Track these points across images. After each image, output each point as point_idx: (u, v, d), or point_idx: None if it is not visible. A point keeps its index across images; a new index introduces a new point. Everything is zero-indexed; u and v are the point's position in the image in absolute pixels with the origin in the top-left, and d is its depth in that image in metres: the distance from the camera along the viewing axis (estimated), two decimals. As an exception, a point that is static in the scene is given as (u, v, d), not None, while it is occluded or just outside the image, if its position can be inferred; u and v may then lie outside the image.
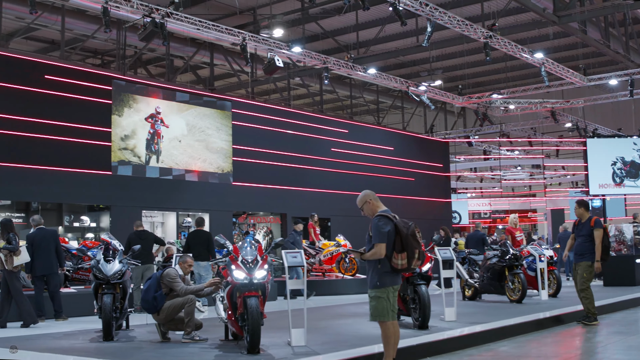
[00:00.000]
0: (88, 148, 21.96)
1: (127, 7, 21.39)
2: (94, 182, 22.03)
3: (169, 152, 24.18)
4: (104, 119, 22.54)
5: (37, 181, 20.71)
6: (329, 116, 33.14)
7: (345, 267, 22.35)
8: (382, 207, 8.55)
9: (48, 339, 11.77)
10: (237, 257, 9.92)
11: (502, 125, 40.68)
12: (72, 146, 21.55)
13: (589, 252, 13.17)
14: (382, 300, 8.26)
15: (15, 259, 13.46)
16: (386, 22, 27.72)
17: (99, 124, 22.38)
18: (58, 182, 21.15)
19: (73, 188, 21.58)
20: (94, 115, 22.29)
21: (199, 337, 10.82)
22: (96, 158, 22.15)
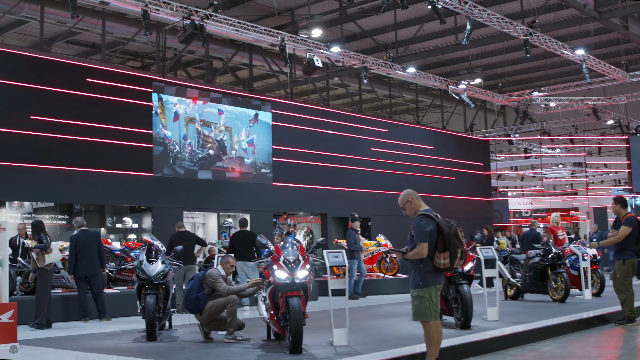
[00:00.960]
0: (129, 150, 22.17)
1: (166, 9, 21.58)
2: (135, 183, 22.24)
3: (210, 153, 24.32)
4: (144, 121, 22.74)
5: (79, 183, 20.96)
6: (368, 116, 33.10)
7: (386, 267, 22.30)
8: (424, 206, 8.50)
9: (92, 339, 11.88)
10: (279, 257, 9.94)
11: (543, 123, 40.30)
12: (114, 148, 21.78)
13: (624, 250, 12.89)
14: (424, 300, 8.22)
15: (47, 257, 13.55)
16: (425, 20, 27.64)
17: (140, 126, 22.59)
18: (100, 184, 21.37)
19: (115, 190, 21.80)
20: (135, 117, 22.51)
21: (241, 337, 10.86)
22: (138, 160, 22.35)
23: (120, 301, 15.88)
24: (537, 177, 47.55)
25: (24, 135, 20.05)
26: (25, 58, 20.92)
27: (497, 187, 44.45)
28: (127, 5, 21.68)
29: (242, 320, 11.18)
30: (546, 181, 47.58)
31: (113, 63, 27.41)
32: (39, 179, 20.23)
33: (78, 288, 14.91)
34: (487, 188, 37.19)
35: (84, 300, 14.82)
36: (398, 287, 21.47)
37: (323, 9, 27.30)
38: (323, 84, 33.83)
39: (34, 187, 20.35)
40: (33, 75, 20.53)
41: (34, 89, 20.44)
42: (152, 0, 21.18)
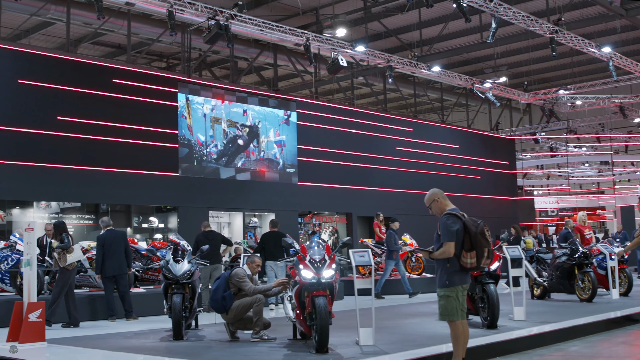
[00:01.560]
0: (155, 150, 22.29)
1: (191, 10, 21.66)
2: (161, 183, 22.36)
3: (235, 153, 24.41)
4: (170, 121, 22.85)
5: (106, 183, 21.11)
6: (393, 115, 33.04)
7: (411, 266, 22.24)
8: (450, 205, 8.47)
9: (119, 338, 11.94)
10: (304, 256, 9.94)
11: (569, 122, 40.02)
12: (140, 148, 21.91)
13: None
14: (451, 299, 8.17)
15: (68, 257, 13.57)
16: (449, 19, 27.55)
17: (166, 126, 22.70)
18: (126, 184, 21.52)
19: (141, 190, 21.94)
20: (161, 118, 22.63)
21: (267, 336, 10.86)
22: (163, 160, 22.47)
23: (146, 300, 15.94)
24: (563, 176, 47.25)
25: (51, 135, 20.22)
26: (52, 59, 21.09)
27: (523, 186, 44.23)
28: (152, 6, 21.79)
29: (268, 319, 11.19)
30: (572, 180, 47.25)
31: (138, 64, 27.56)
32: (66, 179, 20.39)
33: (105, 287, 14.98)
34: (513, 187, 37.02)
35: (110, 300, 14.89)
36: (424, 286, 21.38)
37: (347, 8, 27.30)
38: (348, 84, 33.81)
39: (61, 187, 20.52)
40: (60, 76, 20.71)
41: (60, 90, 20.61)
42: (177, 0, 21.27)
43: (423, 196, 8.67)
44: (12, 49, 20.64)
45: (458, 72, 32.83)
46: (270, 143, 25.69)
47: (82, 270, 16.08)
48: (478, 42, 28.59)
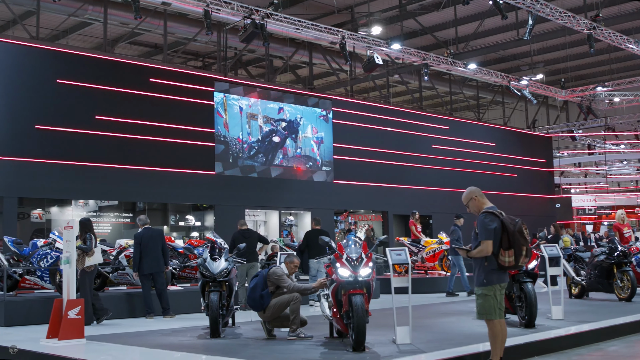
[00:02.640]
0: (192, 148, 22.42)
1: (227, 9, 21.77)
2: (198, 181, 22.50)
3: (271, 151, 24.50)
4: (206, 120, 22.98)
5: (143, 182, 21.28)
6: (429, 113, 32.93)
7: (447, 265, 22.12)
8: (488, 203, 8.42)
9: (157, 336, 12.00)
10: (341, 255, 9.93)
11: (607, 119, 39.58)
12: (177, 147, 22.07)
13: None
14: (489, 298, 8.13)
15: (87, 260, 13.50)
16: (485, 16, 27.38)
17: (202, 125, 22.84)
18: (163, 183, 21.68)
19: (178, 188, 22.09)
20: (197, 116, 22.76)
21: (304, 334, 10.87)
22: (200, 158, 22.60)
23: (183, 298, 16.01)
24: (601, 174, 46.78)
25: (89, 134, 20.44)
26: (90, 59, 21.31)
27: (560, 184, 43.85)
28: (188, 5, 21.93)
29: (304, 317, 11.21)
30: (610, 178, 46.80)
31: (175, 63, 27.72)
32: (104, 178, 20.60)
33: (142, 285, 15.06)
34: (550, 185, 36.72)
35: (148, 297, 14.98)
36: (460, 285, 21.27)
37: (382, 6, 27.24)
38: (383, 82, 33.77)
39: (99, 186, 20.73)
40: (98, 76, 20.92)
41: (98, 90, 20.82)
42: (213, 0, 21.37)
43: (459, 194, 8.64)
44: (51, 49, 20.88)
45: (494, 69, 32.62)
46: (307, 139, 25.74)
47: (120, 268, 16.20)
48: (514, 39, 28.37)
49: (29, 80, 19.82)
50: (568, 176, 49.08)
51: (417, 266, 22.12)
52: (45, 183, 19.72)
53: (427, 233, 26.93)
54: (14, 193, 19.40)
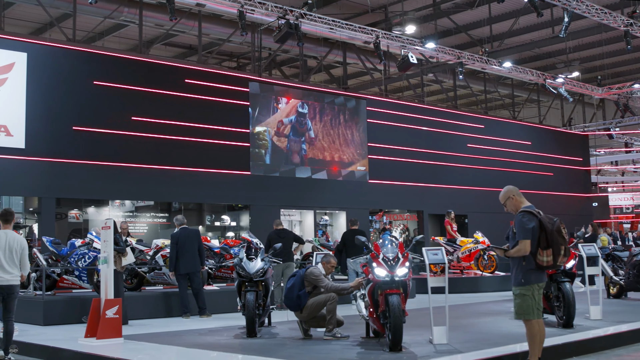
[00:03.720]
0: (227, 149, 22.52)
1: (262, 9, 21.84)
2: (233, 182, 22.58)
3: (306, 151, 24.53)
4: (241, 120, 23.07)
5: (178, 182, 21.40)
6: (464, 111, 32.78)
7: (484, 264, 22.00)
8: (525, 202, 8.36)
9: (193, 335, 12.07)
10: (378, 254, 9.92)
11: (645, 116, 39.17)
12: (212, 147, 22.17)
13: None
14: (527, 297, 8.08)
15: (123, 260, 13.58)
16: (520, 13, 27.16)
17: (237, 125, 22.93)
18: (199, 183, 21.78)
19: (213, 188, 22.18)
20: (232, 117, 22.85)
21: (340, 334, 10.87)
22: (235, 158, 22.69)
23: (219, 298, 16.07)
24: (638, 172, 46.24)
25: (125, 135, 20.60)
26: (126, 61, 21.49)
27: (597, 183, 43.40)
28: (222, 6, 22.04)
29: (341, 317, 11.20)
30: (648, 176, 46.25)
31: (209, 64, 27.85)
32: (140, 179, 20.75)
33: (179, 285, 15.15)
34: (587, 184, 36.39)
35: (184, 297, 15.05)
36: (497, 284, 21.18)
37: (416, 5, 27.14)
38: (417, 81, 33.66)
39: (135, 186, 20.89)
40: (133, 77, 21.09)
41: (134, 91, 20.98)
42: (248, 0, 21.44)
43: (494, 193, 8.59)
44: (87, 51, 21.07)
45: (529, 67, 32.39)
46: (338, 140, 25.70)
47: (157, 268, 16.31)
48: (550, 36, 28.12)
49: (66, 82, 20.02)
50: (605, 175, 48.54)
51: (453, 266, 22.01)
52: (82, 184, 19.91)
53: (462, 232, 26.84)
54: (52, 194, 19.60)
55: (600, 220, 35.89)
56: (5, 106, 18.75)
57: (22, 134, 18.90)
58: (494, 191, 8.62)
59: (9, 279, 10.10)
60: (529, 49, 31.10)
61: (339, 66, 31.85)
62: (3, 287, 10.09)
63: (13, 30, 24.24)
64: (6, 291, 10.13)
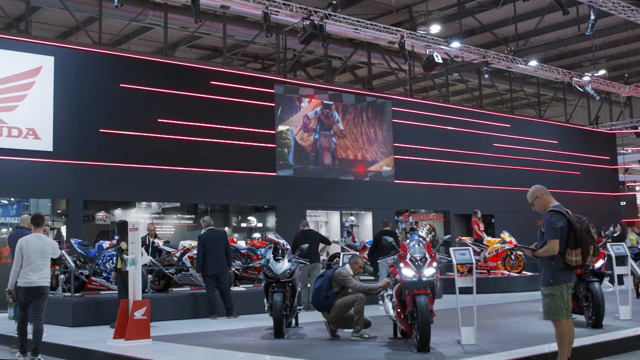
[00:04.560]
0: (253, 150, 22.57)
1: (286, 11, 21.88)
2: (259, 183, 22.62)
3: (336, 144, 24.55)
4: (267, 121, 23.11)
5: (204, 183, 21.47)
6: (489, 111, 32.64)
7: (511, 264, 21.88)
8: (553, 202, 8.31)
9: (221, 336, 12.10)
10: (405, 255, 9.90)
11: (673, 114, 38.81)
12: (238, 149, 22.23)
13: None
14: (555, 297, 8.03)
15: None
16: (546, 12, 27.01)
17: (263, 126, 22.97)
18: (225, 184, 21.85)
19: (239, 189, 22.24)
20: (258, 118, 22.90)
21: (367, 334, 10.86)
22: (261, 159, 22.73)
23: (246, 299, 16.09)
24: (667, 170, 45.83)
25: (152, 137, 20.71)
26: (151, 63, 21.60)
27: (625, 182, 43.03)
28: (247, 8, 22.08)
29: (368, 318, 11.19)
30: (677, 174, 45.79)
31: (234, 65, 27.92)
32: (166, 180, 20.85)
33: (206, 286, 15.19)
34: (615, 183, 36.10)
35: (212, 298, 15.10)
36: (524, 284, 21.05)
37: (441, 4, 27.07)
38: (442, 80, 33.57)
39: (162, 188, 20.99)
40: (159, 79, 21.19)
41: (160, 93, 21.08)
42: (272, 2, 21.48)
43: (521, 193, 8.56)
44: (113, 54, 21.22)
45: (555, 66, 32.21)
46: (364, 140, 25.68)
47: (184, 269, 16.37)
48: (576, 34, 27.93)
49: (93, 85, 20.16)
50: (633, 173, 48.11)
51: (480, 266, 21.92)
52: (109, 186, 20.04)
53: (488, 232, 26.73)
54: (80, 196, 19.74)
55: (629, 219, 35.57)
56: (33, 109, 18.91)
57: (50, 137, 19.06)
58: (521, 191, 8.60)
59: (38, 280, 10.41)
60: (555, 47, 30.93)
61: (364, 66, 31.83)
62: (32, 289, 10.36)
63: (40, 34, 24.46)
64: (36, 292, 10.40)
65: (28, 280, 10.34)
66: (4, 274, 15.62)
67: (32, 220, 10.88)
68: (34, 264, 10.39)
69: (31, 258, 10.39)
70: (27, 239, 10.55)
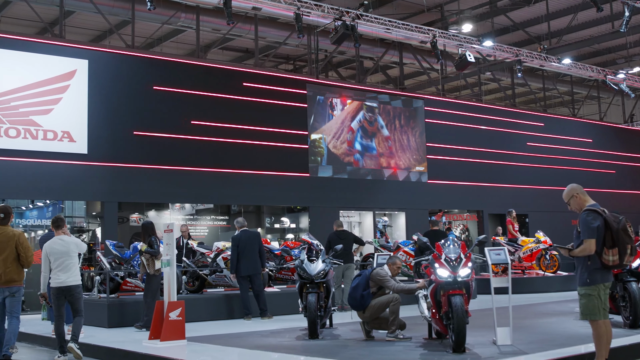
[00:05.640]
0: (286, 151, 22.61)
1: (318, 11, 21.92)
2: (292, 184, 22.67)
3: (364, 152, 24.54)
4: (300, 122, 23.14)
5: (238, 185, 21.56)
6: (523, 110, 32.44)
7: (545, 264, 21.71)
8: (590, 201, 8.23)
9: (255, 337, 12.13)
10: (440, 255, 9.86)
11: None
12: (271, 150, 22.28)
13: None
14: (592, 298, 7.95)
15: (157, 263, 13.57)
16: (579, 9, 26.79)
17: (296, 127, 23.01)
18: (258, 185, 21.90)
19: (272, 190, 22.29)
20: (290, 119, 22.95)
21: (402, 335, 10.83)
22: (294, 160, 22.77)
23: (280, 300, 16.12)
24: None
25: (185, 139, 20.83)
26: (184, 65, 21.74)
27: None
28: (278, 9, 22.14)
29: (403, 320, 11.15)
30: None
31: (266, 67, 27.99)
32: (199, 182, 20.95)
33: (240, 287, 15.23)
34: (651, 181, 35.75)
35: (246, 299, 15.14)
36: (559, 285, 20.90)
37: (472, 3, 26.94)
38: (475, 79, 33.41)
39: (195, 190, 21.10)
40: (192, 81, 21.31)
41: (193, 95, 21.20)
42: (304, 3, 21.51)
43: (555, 192, 8.52)
44: (146, 56, 21.38)
45: (589, 63, 31.93)
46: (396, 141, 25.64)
47: (218, 270, 16.43)
48: (609, 31, 27.66)
49: (126, 88, 20.31)
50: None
51: (514, 266, 21.76)
52: (143, 187, 20.19)
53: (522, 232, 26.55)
54: (114, 198, 19.90)
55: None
56: (68, 113, 19.11)
57: (85, 140, 19.24)
58: (555, 190, 8.53)
59: (68, 279, 10.62)
60: (589, 44, 30.63)
61: (396, 66, 31.76)
62: (63, 289, 10.59)
63: (74, 38, 24.66)
64: (67, 292, 10.61)
65: (59, 280, 10.56)
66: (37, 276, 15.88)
67: (52, 224, 11.07)
68: (63, 264, 10.60)
69: (59, 260, 10.59)
70: (50, 243, 10.75)
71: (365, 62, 31.95)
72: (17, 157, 18.28)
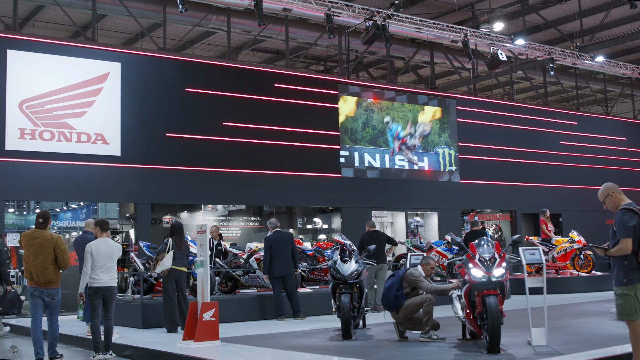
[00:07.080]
0: (317, 152, 22.63)
1: (348, 12, 21.90)
2: (324, 184, 22.68)
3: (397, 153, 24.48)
4: (331, 123, 23.15)
5: (269, 186, 21.62)
6: (555, 108, 32.19)
7: (580, 264, 21.52)
8: (625, 200, 8.14)
9: (288, 337, 12.16)
10: (474, 255, 9.80)
11: None
12: (302, 151, 22.32)
13: None
14: (629, 298, 7.84)
15: (158, 266, 13.55)
16: (612, 6, 26.52)
17: (327, 128, 23.02)
18: (290, 186, 21.96)
19: (304, 191, 22.33)
20: (322, 119, 22.97)
21: (436, 336, 10.80)
22: (326, 161, 22.78)
23: (313, 300, 16.14)
24: None
25: (217, 141, 20.93)
26: (216, 67, 21.85)
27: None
28: (309, 10, 22.12)
29: (437, 321, 11.11)
30: None
31: (297, 68, 28.02)
32: (232, 183, 21.04)
33: (273, 287, 15.27)
34: (688, 178, 35.32)
35: (279, 300, 15.18)
36: (594, 285, 20.72)
37: (504, 1, 26.77)
38: (506, 78, 33.20)
39: (227, 191, 21.19)
40: (223, 83, 21.42)
41: (224, 97, 21.31)
42: (335, 3, 21.51)
43: (589, 191, 8.44)
44: (178, 59, 21.50)
45: (622, 61, 31.60)
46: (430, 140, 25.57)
47: (251, 271, 16.47)
48: (643, 28, 27.43)
49: (159, 90, 20.46)
50: None
51: (548, 266, 21.59)
52: (175, 189, 20.32)
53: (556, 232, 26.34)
54: (147, 199, 20.04)
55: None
56: (101, 115, 19.29)
57: (118, 142, 19.41)
58: (589, 189, 8.46)
59: (109, 280, 10.86)
60: (622, 42, 30.31)
61: (427, 66, 31.64)
62: (104, 289, 10.79)
63: (106, 41, 24.87)
64: (106, 292, 10.82)
65: (100, 280, 10.75)
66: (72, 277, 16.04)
67: (97, 225, 11.25)
68: (105, 266, 10.80)
69: (101, 261, 10.79)
70: (96, 244, 10.94)
71: (396, 62, 31.86)
72: (51, 160, 18.49)
